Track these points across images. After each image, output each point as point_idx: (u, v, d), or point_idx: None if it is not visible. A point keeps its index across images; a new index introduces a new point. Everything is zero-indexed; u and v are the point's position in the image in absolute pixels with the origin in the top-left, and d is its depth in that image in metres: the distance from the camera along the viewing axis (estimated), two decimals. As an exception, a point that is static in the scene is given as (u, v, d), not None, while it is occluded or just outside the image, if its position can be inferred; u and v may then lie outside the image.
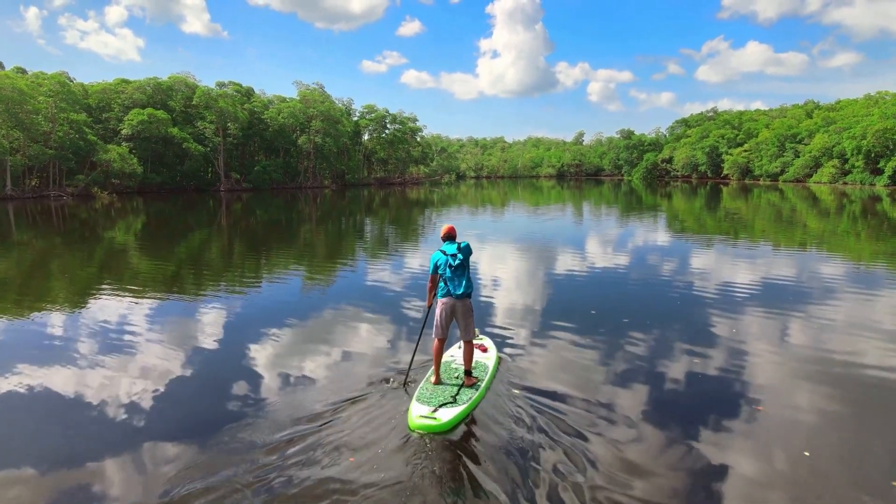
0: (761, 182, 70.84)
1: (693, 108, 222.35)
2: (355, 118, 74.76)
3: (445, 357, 6.03)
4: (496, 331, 7.32)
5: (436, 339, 5.40)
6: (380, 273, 12.12)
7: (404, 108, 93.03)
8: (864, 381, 5.61)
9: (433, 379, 5.40)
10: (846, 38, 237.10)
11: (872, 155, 54.33)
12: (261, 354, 6.57)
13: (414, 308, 8.69)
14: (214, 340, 7.19)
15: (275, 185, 58.71)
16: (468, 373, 5.42)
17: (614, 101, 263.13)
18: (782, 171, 69.01)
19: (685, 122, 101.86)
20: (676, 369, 5.94)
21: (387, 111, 75.26)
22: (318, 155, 61.90)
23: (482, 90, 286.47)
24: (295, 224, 24.78)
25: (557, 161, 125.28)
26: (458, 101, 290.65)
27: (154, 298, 9.67)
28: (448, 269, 5.34)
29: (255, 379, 5.79)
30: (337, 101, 71.04)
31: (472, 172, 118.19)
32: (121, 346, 6.85)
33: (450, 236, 5.51)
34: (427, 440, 4.40)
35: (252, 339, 7.13)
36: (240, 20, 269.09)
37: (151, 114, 48.46)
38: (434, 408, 4.75)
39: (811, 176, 63.68)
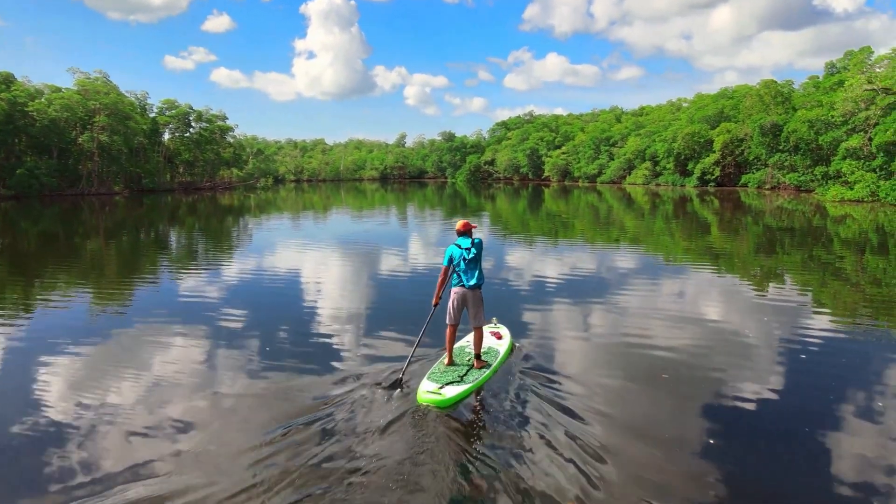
0: (580, 183, 73.85)
1: (503, 114, 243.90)
2: (153, 114, 66.39)
3: (461, 343, 6.71)
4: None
5: (449, 325, 6.01)
6: (188, 288, 11.04)
7: (217, 107, 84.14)
8: (654, 356, 6.85)
9: (446, 361, 5.99)
10: (629, 55, 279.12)
11: (682, 158, 58.08)
12: (51, 386, 5.56)
13: (234, 321, 8.14)
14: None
15: (48, 191, 49.22)
16: (478, 356, 6.03)
17: (431, 105, 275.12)
18: (599, 173, 72.34)
19: (505, 125, 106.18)
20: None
21: (190, 107, 68.17)
22: (106, 156, 53.49)
23: (300, 91, 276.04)
24: (77, 238, 21.12)
25: (380, 163, 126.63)
26: (275, 102, 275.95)
27: None
28: (462, 262, 5.93)
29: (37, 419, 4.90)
30: (128, 94, 62.26)
31: (292, 175, 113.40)
32: None
33: (465, 231, 6.06)
34: (430, 413, 4.97)
35: (28, 371, 6.00)
36: (16, 5, 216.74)
37: None
38: (441, 385, 5.33)
39: (626, 178, 67.48)
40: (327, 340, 7.44)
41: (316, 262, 14.52)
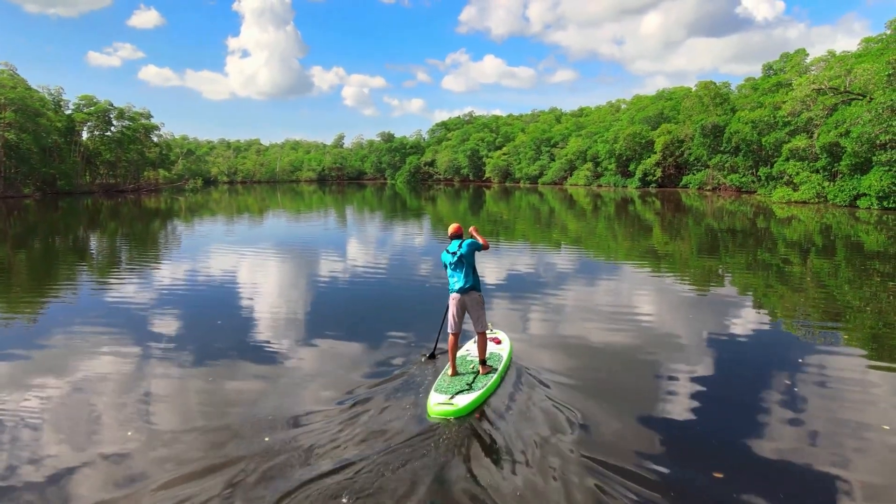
0: (521, 184, 74.10)
1: (442, 115, 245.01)
2: (69, 111, 61.68)
3: (461, 352, 6.47)
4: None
5: (450, 335, 5.84)
6: (109, 300, 10.26)
7: (147, 106, 77.33)
8: (598, 346, 6.99)
9: (450, 371, 5.76)
10: (564, 58, 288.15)
11: (623, 159, 57.73)
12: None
13: (161, 337, 7.61)
14: None
15: (-56, 194, 44.71)
16: (483, 362, 5.87)
17: (369, 105, 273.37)
18: (541, 174, 71.94)
19: (445, 126, 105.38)
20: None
21: (110, 104, 63.83)
22: (13, 156, 49.12)
23: (234, 90, 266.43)
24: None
25: (318, 164, 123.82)
26: (208, 101, 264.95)
27: None
28: (450, 266, 5.86)
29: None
30: (39, 90, 57.62)
31: (225, 177, 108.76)
32: None
33: (456, 235, 5.95)
34: (445, 425, 4.78)
35: None
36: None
37: None
38: (451, 395, 5.15)
39: (567, 179, 67.62)
40: (275, 354, 7.11)
41: (251, 269, 13.92)
